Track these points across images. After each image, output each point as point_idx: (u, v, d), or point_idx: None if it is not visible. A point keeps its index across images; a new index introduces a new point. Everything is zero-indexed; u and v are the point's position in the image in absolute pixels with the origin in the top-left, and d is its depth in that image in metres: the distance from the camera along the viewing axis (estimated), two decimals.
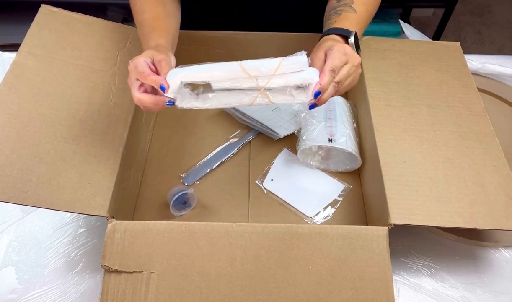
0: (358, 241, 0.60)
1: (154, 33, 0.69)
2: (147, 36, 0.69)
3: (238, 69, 0.57)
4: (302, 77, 0.58)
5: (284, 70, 0.57)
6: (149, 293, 0.58)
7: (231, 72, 0.57)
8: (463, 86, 0.79)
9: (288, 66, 0.57)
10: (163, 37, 0.68)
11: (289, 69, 0.57)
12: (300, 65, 0.57)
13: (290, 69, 0.57)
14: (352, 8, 0.72)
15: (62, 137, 0.67)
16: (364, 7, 0.74)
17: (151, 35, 0.68)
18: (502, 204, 0.64)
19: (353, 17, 0.71)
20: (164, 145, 0.85)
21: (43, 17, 0.79)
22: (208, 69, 0.58)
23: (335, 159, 0.82)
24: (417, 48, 0.85)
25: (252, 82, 0.58)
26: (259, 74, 0.58)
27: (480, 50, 2.31)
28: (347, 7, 0.72)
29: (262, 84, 0.58)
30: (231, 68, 0.57)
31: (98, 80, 0.75)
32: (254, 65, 0.57)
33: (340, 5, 0.73)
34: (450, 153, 0.69)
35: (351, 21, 0.70)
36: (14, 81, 0.70)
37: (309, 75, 0.58)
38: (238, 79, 0.58)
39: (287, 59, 0.57)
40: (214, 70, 0.58)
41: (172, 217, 0.75)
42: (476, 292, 0.70)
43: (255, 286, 0.58)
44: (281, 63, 0.57)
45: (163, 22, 0.71)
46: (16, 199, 0.60)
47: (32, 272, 0.71)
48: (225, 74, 0.58)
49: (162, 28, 0.70)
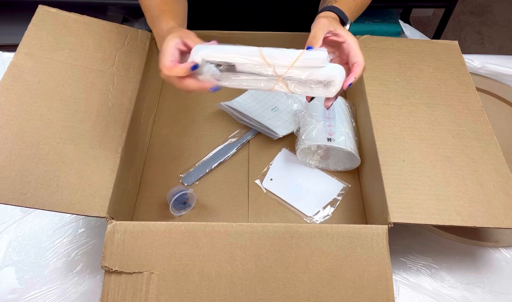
0: (357, 240, 0.60)
1: (165, 16, 0.68)
2: (158, 19, 0.69)
3: (257, 55, 0.57)
4: (326, 74, 0.58)
5: (303, 63, 0.57)
6: (149, 293, 0.58)
7: (250, 57, 0.58)
8: (461, 85, 0.79)
9: (307, 61, 0.57)
10: (174, 19, 0.68)
11: (308, 63, 0.57)
12: (320, 61, 0.57)
13: (309, 63, 0.57)
14: None
15: (61, 138, 0.67)
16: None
17: (162, 18, 0.68)
18: (501, 202, 0.64)
19: (350, 3, 0.72)
20: (163, 146, 0.85)
21: (40, 17, 0.79)
22: (229, 51, 0.58)
23: (334, 158, 0.82)
24: (416, 47, 0.85)
25: (270, 70, 0.58)
26: (276, 63, 0.58)
27: (480, 50, 2.31)
28: None
29: (280, 73, 0.58)
30: (251, 53, 0.58)
31: (96, 80, 0.75)
32: (274, 53, 0.58)
33: None
34: (449, 152, 0.69)
35: (349, 7, 0.72)
36: (12, 83, 0.70)
37: (333, 73, 0.58)
38: (257, 65, 0.58)
39: (307, 52, 0.57)
40: (235, 53, 0.58)
41: (172, 217, 0.75)
42: (476, 292, 0.70)
43: (255, 285, 0.58)
44: (300, 55, 0.57)
45: (172, 6, 0.72)
46: (15, 201, 0.60)
47: (32, 272, 0.71)
48: (244, 58, 0.58)
49: (172, 11, 0.70)
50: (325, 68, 0.58)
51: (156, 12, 0.70)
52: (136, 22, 1.86)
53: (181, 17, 0.72)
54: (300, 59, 0.57)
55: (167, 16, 0.68)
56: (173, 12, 0.70)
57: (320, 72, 0.58)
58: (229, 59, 0.58)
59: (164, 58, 0.58)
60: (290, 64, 0.57)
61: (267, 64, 0.58)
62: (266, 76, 0.59)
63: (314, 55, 0.57)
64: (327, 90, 0.59)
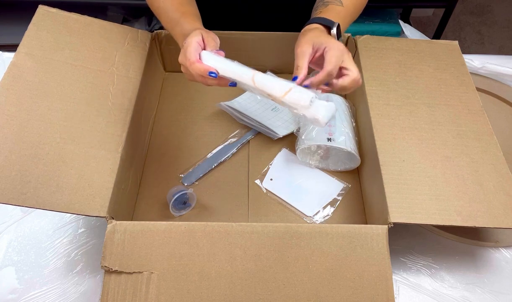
0: (357, 240, 0.60)
1: (187, 18, 0.71)
2: (179, 21, 0.71)
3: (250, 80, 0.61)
4: (311, 114, 0.61)
5: (290, 100, 0.60)
6: (149, 293, 0.58)
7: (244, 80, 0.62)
8: (461, 85, 0.79)
9: (294, 100, 0.60)
10: (196, 20, 0.72)
11: (294, 102, 0.61)
12: (306, 102, 0.60)
13: (295, 102, 0.61)
14: (339, 1, 0.74)
15: (61, 138, 0.67)
16: (351, 1, 0.76)
17: (184, 19, 0.71)
18: (501, 202, 0.64)
19: (339, 9, 0.73)
20: (163, 146, 0.85)
21: (40, 17, 0.79)
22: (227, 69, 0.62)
23: (334, 158, 0.82)
24: (416, 47, 0.85)
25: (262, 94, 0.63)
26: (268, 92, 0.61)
27: (480, 50, 2.31)
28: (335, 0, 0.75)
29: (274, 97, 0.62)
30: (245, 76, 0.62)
31: (96, 80, 0.75)
32: (265, 83, 0.61)
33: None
34: (448, 151, 0.69)
35: (337, 13, 0.72)
36: (12, 83, 0.70)
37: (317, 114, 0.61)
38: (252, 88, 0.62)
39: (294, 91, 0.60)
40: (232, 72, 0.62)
41: (172, 217, 0.75)
42: (476, 292, 0.70)
43: (255, 285, 0.58)
44: (287, 92, 0.60)
45: (189, 7, 0.75)
46: (15, 200, 0.60)
47: (32, 272, 0.71)
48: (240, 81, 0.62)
49: (191, 12, 0.73)
50: (311, 109, 0.61)
51: (176, 14, 0.73)
52: (136, 22, 1.86)
53: (198, 16, 0.75)
54: (287, 96, 0.60)
55: (189, 18, 0.71)
56: (192, 13, 0.74)
57: (306, 111, 0.61)
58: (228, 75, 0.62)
59: (189, 53, 0.61)
60: (279, 99, 0.61)
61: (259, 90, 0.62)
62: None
63: (300, 97, 0.60)
64: (316, 123, 0.63)
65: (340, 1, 0.74)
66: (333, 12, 0.72)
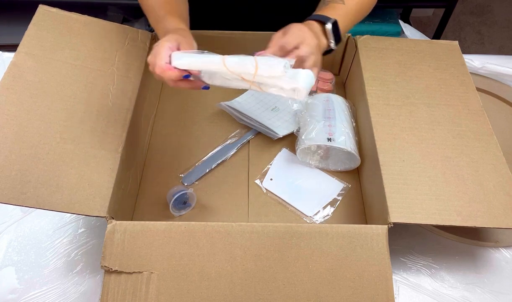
0: (357, 240, 0.60)
1: (170, 16, 0.70)
2: (162, 19, 0.70)
3: (221, 64, 0.58)
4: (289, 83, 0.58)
5: (263, 73, 0.57)
6: (149, 293, 0.58)
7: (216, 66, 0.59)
8: (461, 85, 0.79)
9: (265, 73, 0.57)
10: (179, 19, 0.70)
11: (267, 74, 0.57)
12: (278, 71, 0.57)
13: (268, 74, 0.57)
14: (341, 0, 0.73)
15: (61, 138, 0.67)
16: (355, 1, 0.74)
17: (167, 17, 0.70)
18: (501, 202, 0.64)
19: (339, 7, 0.72)
20: (163, 146, 0.85)
21: (40, 17, 0.79)
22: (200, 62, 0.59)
23: (334, 158, 0.82)
24: (416, 47, 0.85)
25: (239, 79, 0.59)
26: (242, 72, 0.58)
27: (480, 50, 2.31)
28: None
29: (249, 79, 0.59)
30: (216, 64, 0.59)
31: (96, 80, 0.75)
32: (235, 65, 0.58)
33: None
34: (448, 152, 0.69)
35: (337, 11, 0.71)
36: (12, 82, 0.70)
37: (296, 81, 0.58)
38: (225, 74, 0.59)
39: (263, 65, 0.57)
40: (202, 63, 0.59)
41: (172, 217, 0.75)
42: (476, 292, 0.70)
43: (255, 285, 0.58)
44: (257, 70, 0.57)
45: (175, 6, 0.73)
46: (15, 200, 0.60)
47: (32, 272, 0.71)
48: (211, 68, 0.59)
49: (177, 12, 0.72)
50: (286, 77, 0.57)
51: (160, 12, 0.71)
52: (136, 22, 1.86)
53: (184, 16, 0.73)
54: (258, 72, 0.57)
55: (172, 16, 0.70)
56: (177, 12, 0.72)
57: (283, 80, 0.58)
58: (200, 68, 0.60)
59: (158, 58, 0.60)
60: (252, 76, 0.58)
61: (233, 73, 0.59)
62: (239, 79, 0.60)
63: (271, 68, 0.57)
64: (297, 95, 0.59)
65: (342, 1, 0.73)
66: (332, 10, 0.71)
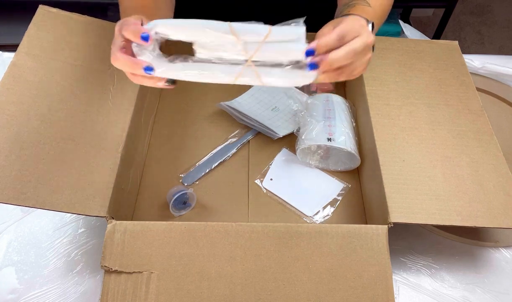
0: (357, 240, 0.60)
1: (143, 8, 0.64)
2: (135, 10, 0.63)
3: (226, 30, 0.49)
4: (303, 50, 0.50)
5: (275, 38, 0.49)
6: (149, 293, 0.58)
7: (217, 31, 0.49)
8: (461, 85, 0.79)
9: (281, 36, 0.49)
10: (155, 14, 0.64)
11: (282, 36, 0.49)
12: (296, 34, 0.50)
13: (283, 36, 0.49)
14: (366, 2, 0.66)
15: (61, 138, 0.67)
16: (377, 3, 0.68)
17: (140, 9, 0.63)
18: (501, 202, 0.64)
19: (367, 10, 0.65)
20: (163, 146, 0.85)
21: (41, 17, 0.79)
22: (191, 25, 0.50)
23: (334, 158, 0.82)
24: (416, 47, 0.85)
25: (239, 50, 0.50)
26: (248, 40, 0.49)
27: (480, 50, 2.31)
28: (361, 1, 0.66)
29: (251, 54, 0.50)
30: (218, 27, 0.49)
31: (96, 80, 0.75)
32: (244, 28, 0.49)
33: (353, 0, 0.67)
34: (448, 152, 0.70)
35: (367, 13, 0.63)
36: (13, 82, 0.70)
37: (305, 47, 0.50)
38: (224, 43, 0.50)
39: (280, 27, 0.49)
40: (198, 27, 0.50)
41: (172, 217, 0.75)
42: (476, 292, 0.70)
43: (255, 285, 0.58)
44: (271, 30, 0.49)
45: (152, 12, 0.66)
46: (15, 200, 0.60)
47: (32, 272, 0.71)
48: (210, 33, 0.49)
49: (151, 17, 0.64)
50: (303, 45, 0.50)
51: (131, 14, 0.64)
52: None
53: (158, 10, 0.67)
54: (272, 32, 0.49)
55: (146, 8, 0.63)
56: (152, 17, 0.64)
57: (297, 48, 0.50)
58: (193, 37, 0.50)
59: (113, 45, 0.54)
60: (262, 38, 0.49)
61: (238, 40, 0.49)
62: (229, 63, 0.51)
63: (289, 28, 0.49)
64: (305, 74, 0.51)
65: (368, 3, 0.66)
66: (362, 13, 0.63)
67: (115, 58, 0.53)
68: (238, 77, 0.51)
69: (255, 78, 0.51)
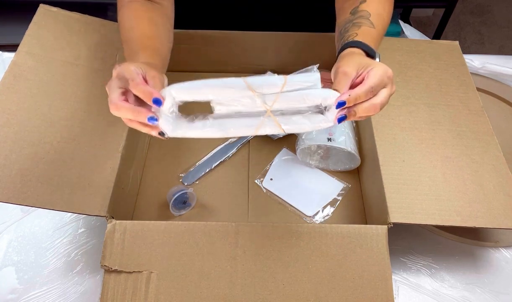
0: (357, 240, 0.60)
1: (146, 52, 0.62)
2: (137, 54, 0.61)
3: (241, 86, 0.50)
4: (322, 94, 0.50)
5: (292, 87, 0.50)
6: (149, 293, 0.58)
7: (233, 89, 0.50)
8: (461, 85, 0.79)
9: (296, 84, 0.50)
10: (155, 58, 0.62)
11: (297, 86, 0.50)
12: (311, 83, 0.51)
13: (299, 84, 0.50)
14: (370, 22, 0.65)
15: (61, 137, 0.67)
16: (379, 22, 0.67)
17: (142, 53, 0.61)
18: (501, 202, 0.64)
19: (373, 32, 0.64)
20: (163, 145, 0.85)
21: (41, 17, 0.79)
22: (207, 87, 0.51)
23: (334, 158, 0.82)
24: (416, 47, 0.85)
25: (257, 103, 0.50)
26: (265, 92, 0.50)
27: (480, 50, 2.30)
28: (365, 20, 0.66)
29: (269, 105, 0.50)
30: (234, 85, 0.50)
31: (97, 80, 0.75)
32: (260, 81, 0.50)
33: (356, 17, 0.67)
34: (449, 152, 0.70)
35: (372, 37, 0.64)
36: (13, 82, 0.70)
37: (330, 92, 0.51)
38: (242, 98, 0.51)
39: (294, 75, 0.51)
40: (214, 88, 0.50)
41: (172, 216, 0.75)
42: (476, 292, 0.70)
43: (255, 285, 0.58)
44: (286, 80, 0.50)
45: (154, 42, 0.65)
46: (15, 199, 0.60)
47: (32, 272, 0.71)
48: (226, 92, 0.50)
49: (154, 49, 0.64)
50: (319, 90, 0.51)
51: (136, 46, 0.63)
52: None
53: (162, 56, 0.65)
54: (288, 81, 0.50)
55: (148, 53, 0.62)
56: (155, 49, 0.64)
57: (315, 93, 0.50)
58: (211, 95, 0.51)
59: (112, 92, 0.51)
60: (279, 89, 0.49)
61: (255, 93, 0.50)
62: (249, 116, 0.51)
63: (304, 75, 0.51)
64: (326, 117, 0.52)
65: (371, 22, 0.65)
66: (369, 37, 0.63)
67: (116, 107, 0.50)
68: (259, 128, 0.51)
69: (276, 127, 0.51)
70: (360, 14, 0.67)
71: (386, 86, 0.54)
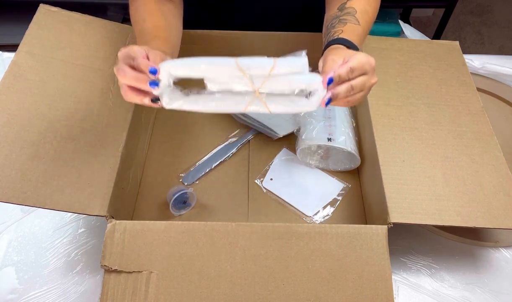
0: (357, 240, 0.60)
1: (156, 41, 0.66)
2: (148, 43, 0.65)
3: (232, 66, 0.52)
4: (307, 79, 0.53)
5: (281, 69, 0.52)
6: (149, 293, 0.58)
7: (224, 68, 0.52)
8: (462, 85, 0.79)
9: (285, 68, 0.52)
10: (165, 46, 0.66)
11: (286, 68, 0.52)
12: (300, 65, 0.53)
13: (287, 68, 0.53)
14: (355, 19, 0.69)
15: (61, 137, 0.67)
16: (365, 19, 0.70)
17: (153, 42, 0.65)
18: (501, 202, 0.64)
19: (357, 29, 0.68)
20: (164, 145, 0.85)
21: (41, 16, 0.79)
22: (200, 64, 0.53)
23: (334, 158, 0.82)
24: (416, 47, 0.85)
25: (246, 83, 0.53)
26: (253, 74, 0.53)
27: (480, 50, 2.31)
28: (350, 17, 0.69)
29: (257, 86, 0.53)
30: (225, 64, 0.52)
31: (97, 80, 0.75)
32: (250, 62, 0.52)
33: (343, 14, 0.70)
34: (449, 152, 0.70)
35: (357, 34, 0.67)
36: (13, 81, 0.70)
37: (315, 78, 0.53)
38: (232, 78, 0.53)
39: (283, 59, 0.52)
40: (207, 65, 0.53)
41: (172, 216, 0.75)
42: (476, 292, 0.70)
43: (255, 285, 0.58)
44: (275, 63, 0.52)
45: (165, 33, 0.69)
46: (15, 199, 0.60)
47: (32, 272, 0.71)
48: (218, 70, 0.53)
49: (165, 38, 0.68)
50: (305, 75, 0.53)
51: (147, 37, 0.67)
52: None
53: (172, 44, 0.69)
54: (276, 66, 0.52)
55: (159, 42, 0.66)
56: (166, 38, 0.68)
57: (301, 78, 0.53)
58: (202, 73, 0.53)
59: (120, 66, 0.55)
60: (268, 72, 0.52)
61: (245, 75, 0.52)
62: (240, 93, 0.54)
63: (292, 61, 0.53)
64: (309, 101, 0.54)
65: (356, 19, 0.69)
66: (353, 34, 0.66)
67: (123, 73, 0.54)
68: (247, 106, 0.54)
69: (263, 107, 0.54)
70: (347, 10, 0.70)
71: (367, 74, 0.57)
